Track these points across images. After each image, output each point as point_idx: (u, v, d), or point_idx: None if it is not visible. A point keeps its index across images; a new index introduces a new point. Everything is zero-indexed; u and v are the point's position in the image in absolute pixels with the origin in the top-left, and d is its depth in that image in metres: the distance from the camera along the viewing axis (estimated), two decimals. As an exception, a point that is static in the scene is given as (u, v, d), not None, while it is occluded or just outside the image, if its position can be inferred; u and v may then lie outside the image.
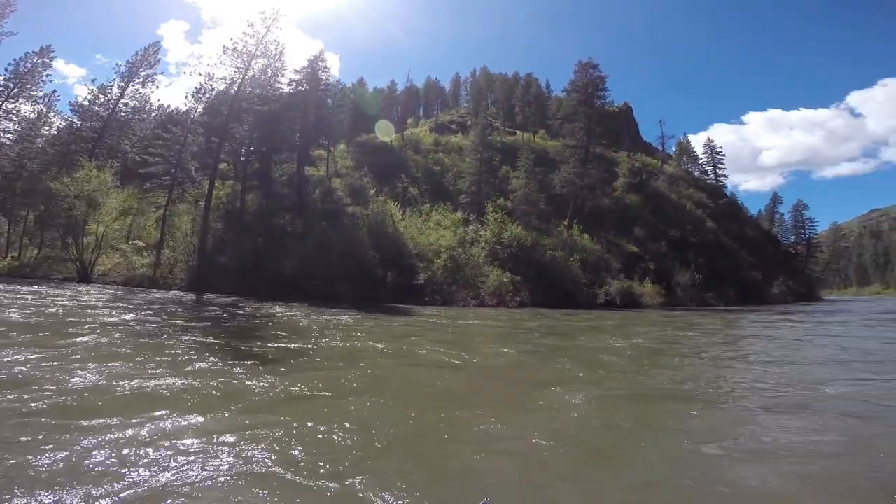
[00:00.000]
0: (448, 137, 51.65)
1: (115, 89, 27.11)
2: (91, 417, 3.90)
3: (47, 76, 32.12)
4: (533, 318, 17.07)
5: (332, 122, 34.62)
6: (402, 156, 44.61)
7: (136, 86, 27.33)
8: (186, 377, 5.40)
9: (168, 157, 25.77)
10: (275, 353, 7.52)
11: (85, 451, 3.27)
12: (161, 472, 3.01)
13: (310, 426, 3.99)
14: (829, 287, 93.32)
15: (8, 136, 30.04)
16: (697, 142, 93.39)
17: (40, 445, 3.33)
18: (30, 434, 3.52)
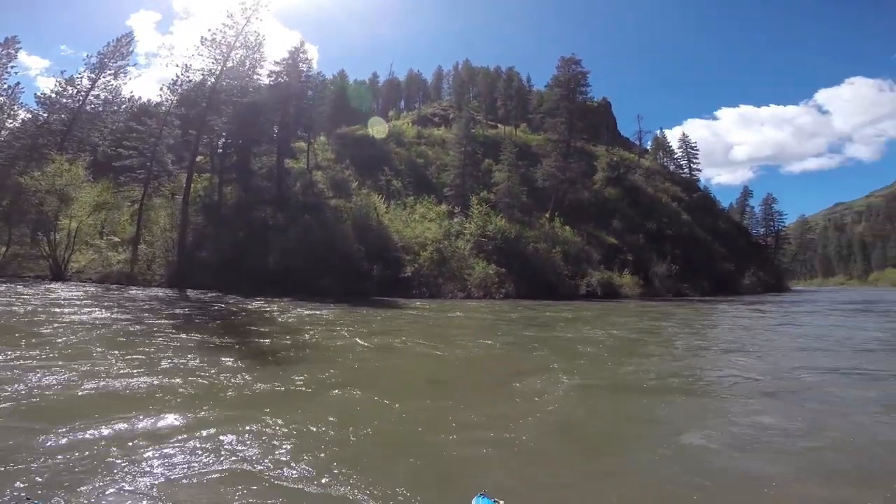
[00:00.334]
0: (431, 130, 51.58)
1: (84, 81, 26.08)
2: (61, 420, 3.70)
3: (12, 67, 30.73)
4: (514, 309, 17.29)
5: (312, 113, 34.11)
6: (384, 148, 44.33)
7: (108, 77, 26.34)
8: (161, 376, 5.23)
9: (143, 149, 25.01)
10: (254, 348, 7.36)
11: (55, 453, 3.13)
12: (135, 476, 2.87)
13: (289, 422, 3.88)
14: (797, 278, 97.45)
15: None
16: (672, 136, 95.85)
17: (10, 451, 3.15)
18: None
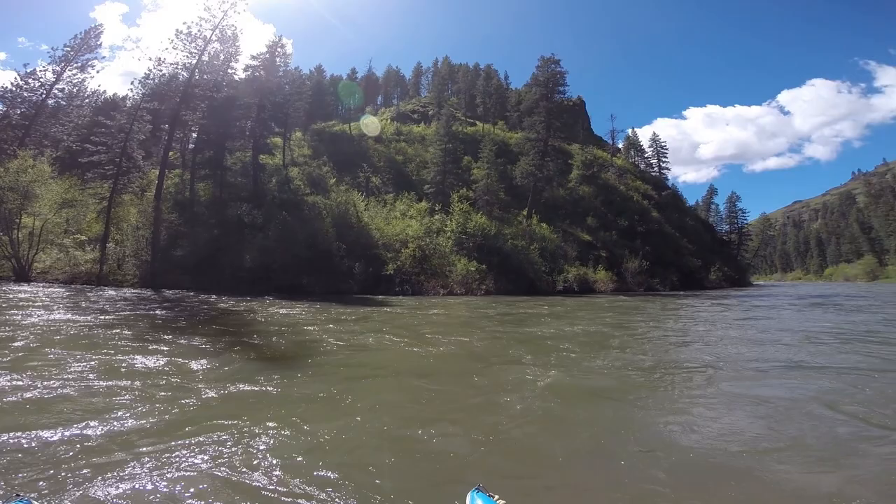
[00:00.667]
0: (410, 127, 51.50)
1: (49, 74, 24.81)
2: (17, 428, 3.48)
3: (-33, 60, 28.88)
4: (490, 305, 17.48)
5: (289, 109, 33.55)
6: (362, 145, 44.05)
7: (74, 71, 25.11)
8: (124, 379, 5.01)
9: (112, 145, 24.05)
10: (226, 349, 7.11)
11: (13, 465, 2.94)
12: (99, 485, 2.71)
13: (256, 424, 3.75)
14: (758, 273, 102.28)
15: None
16: (643, 135, 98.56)
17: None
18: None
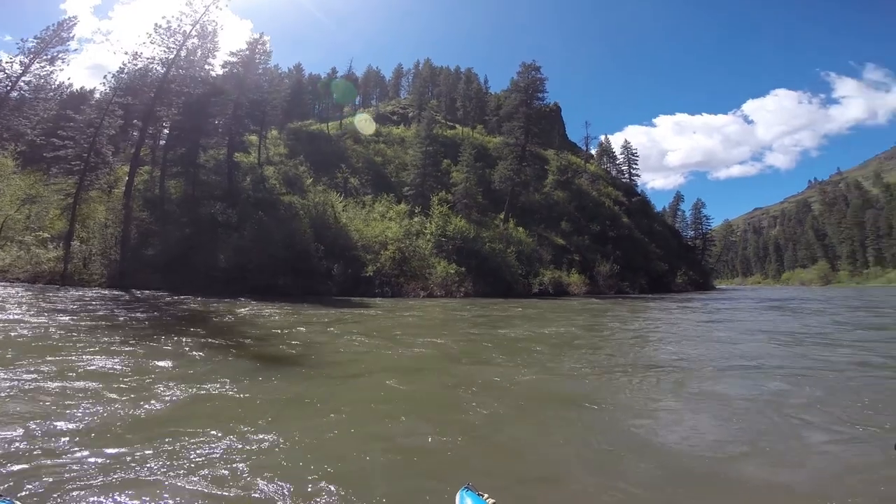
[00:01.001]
0: (390, 128, 51.46)
1: (15, 65, 23.62)
2: None
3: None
4: (465, 307, 17.74)
5: (266, 107, 33.07)
6: (340, 145, 43.74)
7: (43, 63, 24.01)
8: (83, 380, 4.85)
9: (80, 140, 23.16)
10: (188, 351, 6.90)
11: None
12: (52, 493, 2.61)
13: (219, 428, 3.64)
14: (720, 277, 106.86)
15: None
16: (615, 142, 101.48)
17: None
18: None
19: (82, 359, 5.88)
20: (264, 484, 2.84)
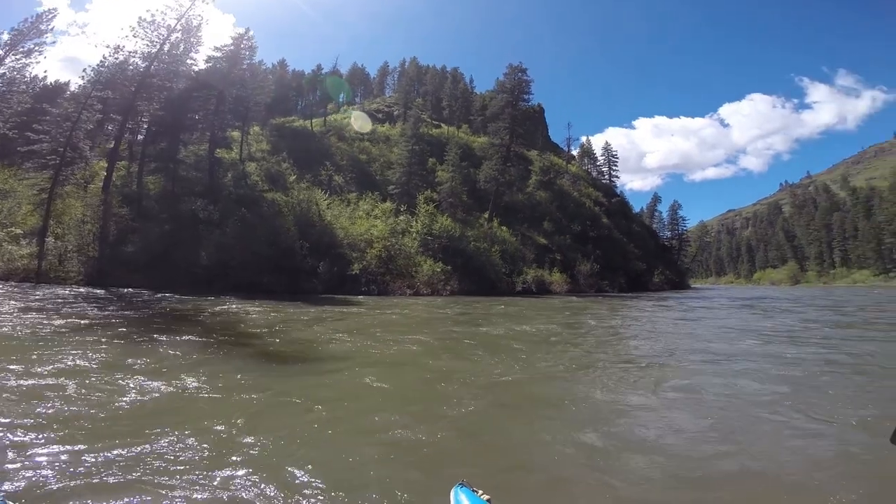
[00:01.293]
0: (375, 126, 51.30)
1: None
2: None
3: None
4: (448, 305, 17.93)
5: (249, 103, 32.65)
6: (324, 142, 43.44)
7: (19, 56, 23.15)
8: (51, 378, 4.76)
9: (56, 134, 22.50)
10: (162, 349, 6.75)
11: None
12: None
13: (193, 427, 3.56)
14: (695, 276, 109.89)
15: None
16: (595, 143, 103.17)
17: None
18: None
19: (54, 356, 5.72)
20: (247, 482, 2.76)
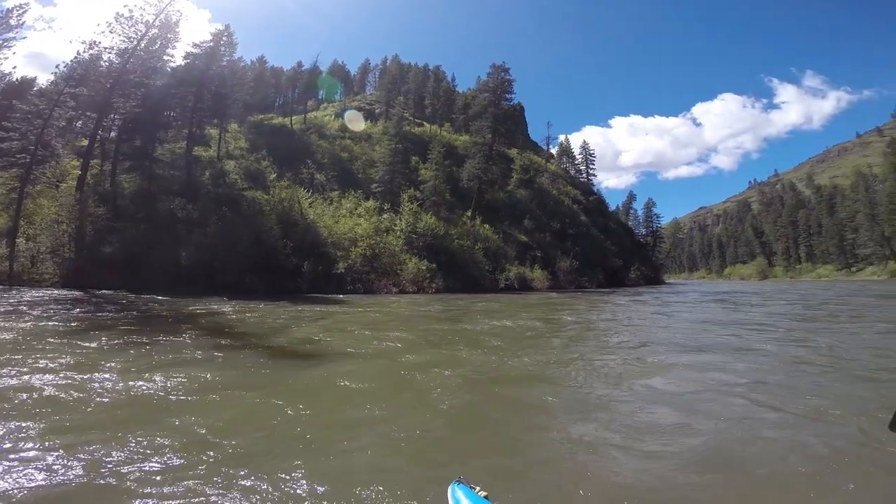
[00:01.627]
0: (367, 126, 51.10)
1: None
2: None
3: None
4: (431, 302, 18.14)
5: (228, 100, 32.13)
6: (304, 140, 43.04)
7: None
8: (13, 378, 4.72)
9: (26, 131, 21.74)
10: (136, 349, 6.65)
11: None
12: None
13: (160, 428, 3.49)
14: (669, 272, 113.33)
15: None
16: (573, 142, 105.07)
17: None
18: None
19: (25, 359, 5.64)
20: (230, 482, 2.71)
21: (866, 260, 73.38)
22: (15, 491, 2.55)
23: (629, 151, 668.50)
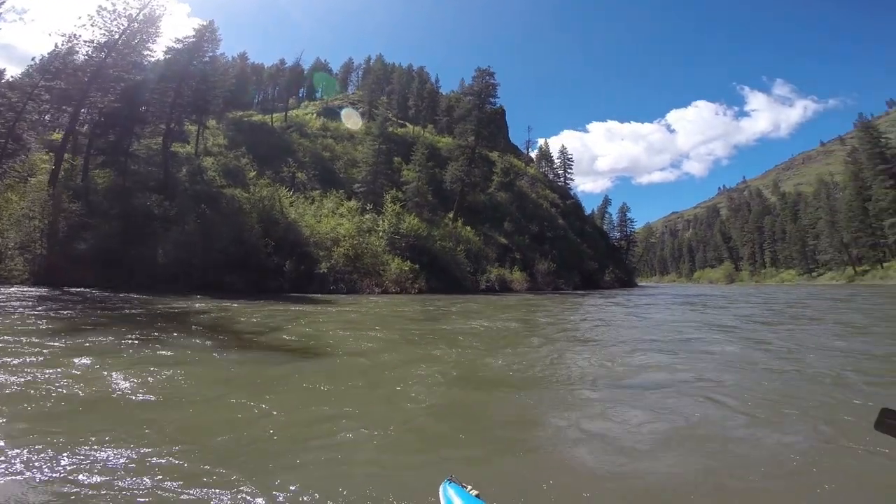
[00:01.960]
0: (338, 123, 50.82)
1: None
2: None
3: None
4: (411, 303, 18.36)
5: (209, 96, 31.62)
6: (285, 138, 42.65)
7: None
8: None
9: (-3, 125, 21.01)
10: (92, 350, 6.35)
11: None
12: None
13: (132, 426, 3.44)
14: (641, 275, 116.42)
15: None
16: (552, 146, 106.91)
17: None
18: None
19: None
20: (205, 474, 2.71)
21: (826, 265, 76.82)
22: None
23: (605, 156, 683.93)
